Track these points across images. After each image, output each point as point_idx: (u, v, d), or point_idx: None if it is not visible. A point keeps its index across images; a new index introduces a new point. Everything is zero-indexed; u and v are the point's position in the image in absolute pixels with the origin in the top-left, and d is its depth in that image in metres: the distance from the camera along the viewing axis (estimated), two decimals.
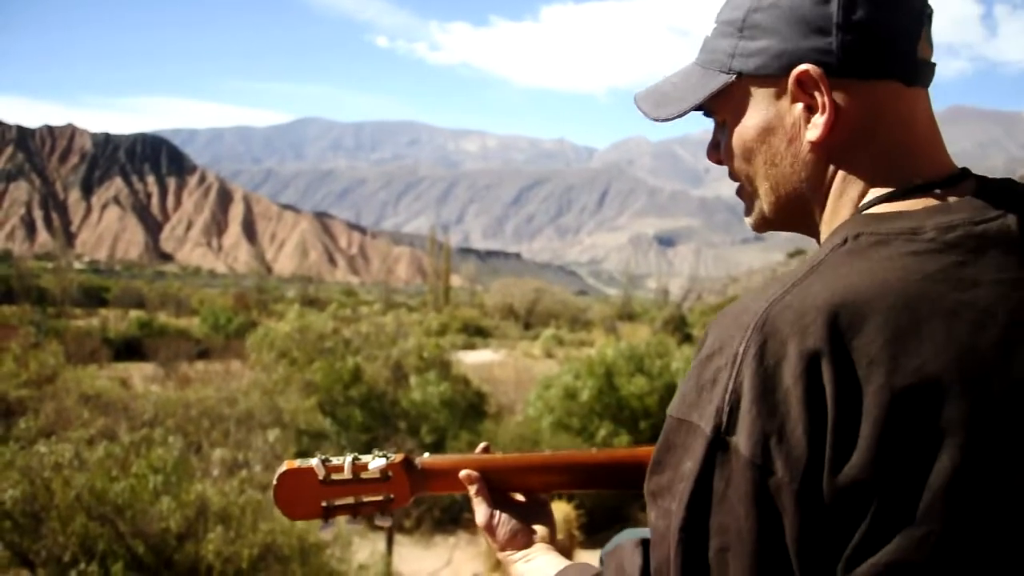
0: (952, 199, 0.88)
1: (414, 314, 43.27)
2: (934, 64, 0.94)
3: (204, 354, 24.22)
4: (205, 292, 64.28)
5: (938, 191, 0.89)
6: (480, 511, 1.23)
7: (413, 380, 14.53)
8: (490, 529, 1.22)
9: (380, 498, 1.24)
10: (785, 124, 0.93)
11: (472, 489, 1.23)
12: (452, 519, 11.05)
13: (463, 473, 1.25)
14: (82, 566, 5.54)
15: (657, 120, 1.02)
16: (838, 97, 0.90)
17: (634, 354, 12.61)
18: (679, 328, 37.24)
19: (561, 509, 7.57)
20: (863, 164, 0.92)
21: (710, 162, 1.06)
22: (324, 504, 1.23)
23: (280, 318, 24.89)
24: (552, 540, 1.23)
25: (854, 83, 0.90)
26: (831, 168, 0.93)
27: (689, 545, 0.82)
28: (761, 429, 0.78)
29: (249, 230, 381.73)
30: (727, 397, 0.80)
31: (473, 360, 25.57)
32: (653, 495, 0.88)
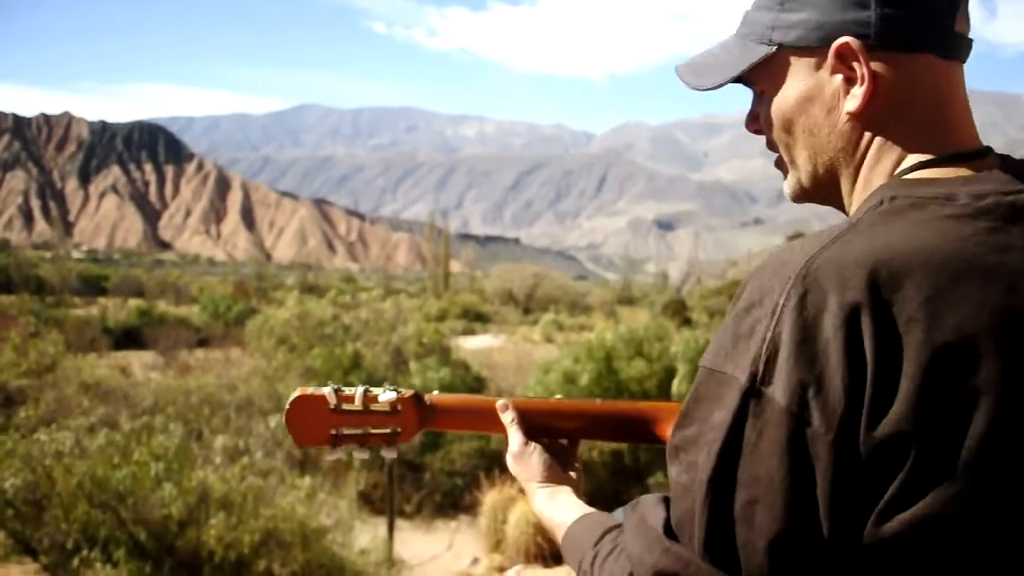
0: (980, 172, 0.91)
1: (413, 300, 43.29)
2: (971, 40, 0.96)
3: (204, 342, 24.24)
4: (204, 280, 64.36)
5: (968, 162, 0.92)
6: (515, 439, 1.25)
7: (413, 366, 14.55)
8: (523, 456, 1.24)
9: (387, 431, 1.29)
10: (824, 95, 0.95)
11: (507, 417, 1.26)
12: (452, 504, 11.09)
13: (500, 402, 1.28)
14: (84, 553, 5.57)
15: (699, 89, 1.05)
16: (876, 69, 0.92)
17: (633, 338, 12.61)
18: (678, 312, 37.23)
19: None
20: (898, 134, 0.94)
21: (749, 131, 1.07)
22: (333, 432, 1.27)
23: (279, 305, 24.92)
24: (578, 490, 1.25)
25: (891, 55, 0.92)
26: (867, 138, 0.95)
27: (716, 497, 0.82)
28: (799, 379, 0.79)
29: (248, 217, 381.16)
30: (765, 347, 0.81)
31: (473, 345, 25.58)
32: (677, 449, 0.88)
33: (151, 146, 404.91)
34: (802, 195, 1.04)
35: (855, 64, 0.92)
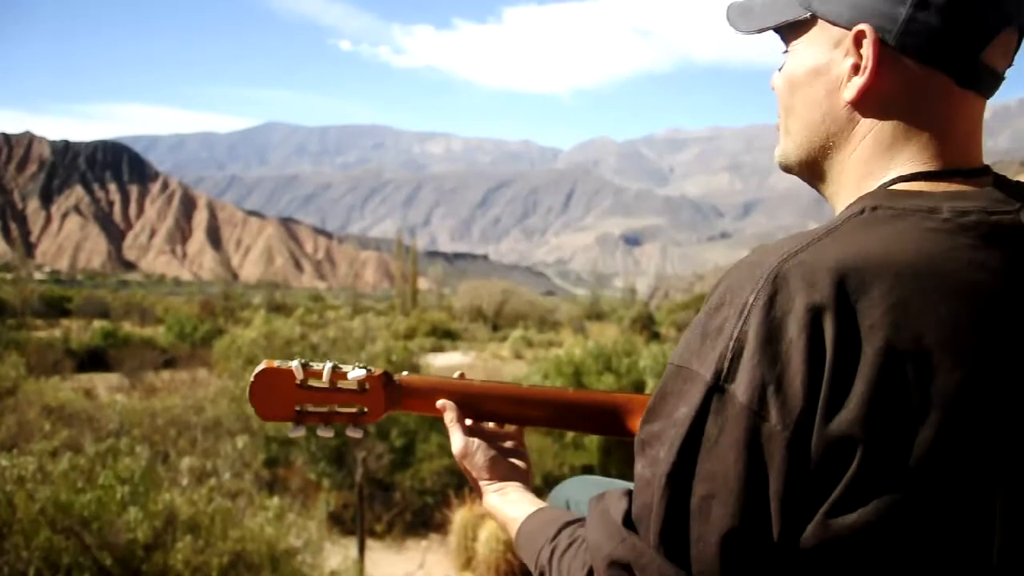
0: (971, 188, 0.91)
1: (382, 318, 43.20)
2: (1001, 77, 0.94)
3: (170, 363, 23.95)
4: (170, 300, 63.57)
5: (958, 179, 0.91)
6: (456, 439, 1.24)
7: None
8: (467, 456, 1.23)
9: (354, 410, 1.25)
10: (831, 74, 0.95)
11: (447, 417, 1.25)
12: (424, 523, 11.03)
13: (439, 403, 1.26)
14: None
15: (735, 29, 1.05)
16: (886, 68, 0.90)
17: (602, 353, 12.68)
18: (647, 326, 37.51)
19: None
20: (894, 140, 0.93)
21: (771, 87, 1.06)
22: (297, 408, 1.24)
23: (247, 325, 24.76)
24: (528, 481, 1.25)
25: (906, 61, 0.90)
26: (861, 132, 0.94)
27: (674, 491, 0.83)
28: (760, 377, 0.80)
29: (214, 237, 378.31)
30: (731, 344, 0.82)
31: (442, 363, 25.54)
32: (643, 444, 0.89)
33: (115, 165, 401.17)
34: (788, 166, 1.05)
35: (864, 53, 0.91)
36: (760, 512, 0.80)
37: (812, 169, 1.02)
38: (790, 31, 1.00)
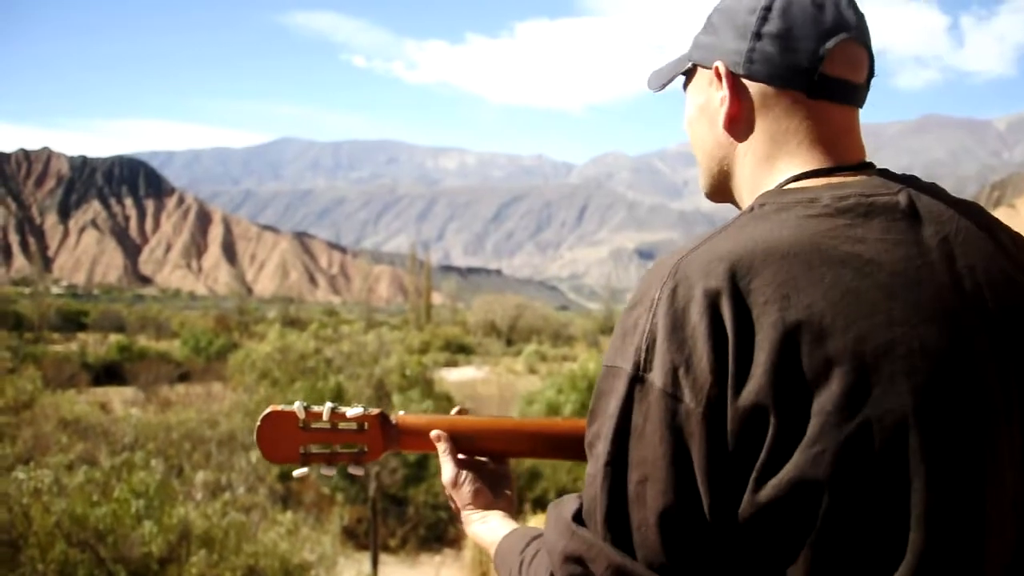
0: (851, 179, 1.00)
1: (396, 332, 43.14)
2: (855, 85, 1.04)
3: (185, 377, 24.05)
4: (185, 314, 63.88)
5: (841, 174, 1.01)
6: (447, 469, 1.30)
7: (396, 398, 14.48)
8: (455, 486, 1.29)
9: (355, 449, 1.30)
10: (710, 108, 1.08)
11: (441, 448, 1.31)
12: (437, 537, 11.01)
13: (433, 433, 1.31)
14: None
15: (650, 89, 1.21)
16: (743, 94, 1.04)
17: None
18: None
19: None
20: (769, 154, 1.04)
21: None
22: (302, 450, 1.29)
23: (261, 339, 24.79)
24: (511, 510, 1.30)
25: (761, 86, 1.03)
26: (742, 154, 1.07)
27: (613, 480, 0.89)
28: (671, 361, 0.87)
29: (229, 251, 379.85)
30: (644, 338, 0.89)
31: (456, 377, 25.57)
32: (589, 445, 0.95)
33: (131, 181, 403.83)
34: (709, 194, 1.17)
35: (724, 86, 1.04)
36: (691, 489, 0.85)
37: (723, 193, 1.14)
38: (686, 82, 1.15)
